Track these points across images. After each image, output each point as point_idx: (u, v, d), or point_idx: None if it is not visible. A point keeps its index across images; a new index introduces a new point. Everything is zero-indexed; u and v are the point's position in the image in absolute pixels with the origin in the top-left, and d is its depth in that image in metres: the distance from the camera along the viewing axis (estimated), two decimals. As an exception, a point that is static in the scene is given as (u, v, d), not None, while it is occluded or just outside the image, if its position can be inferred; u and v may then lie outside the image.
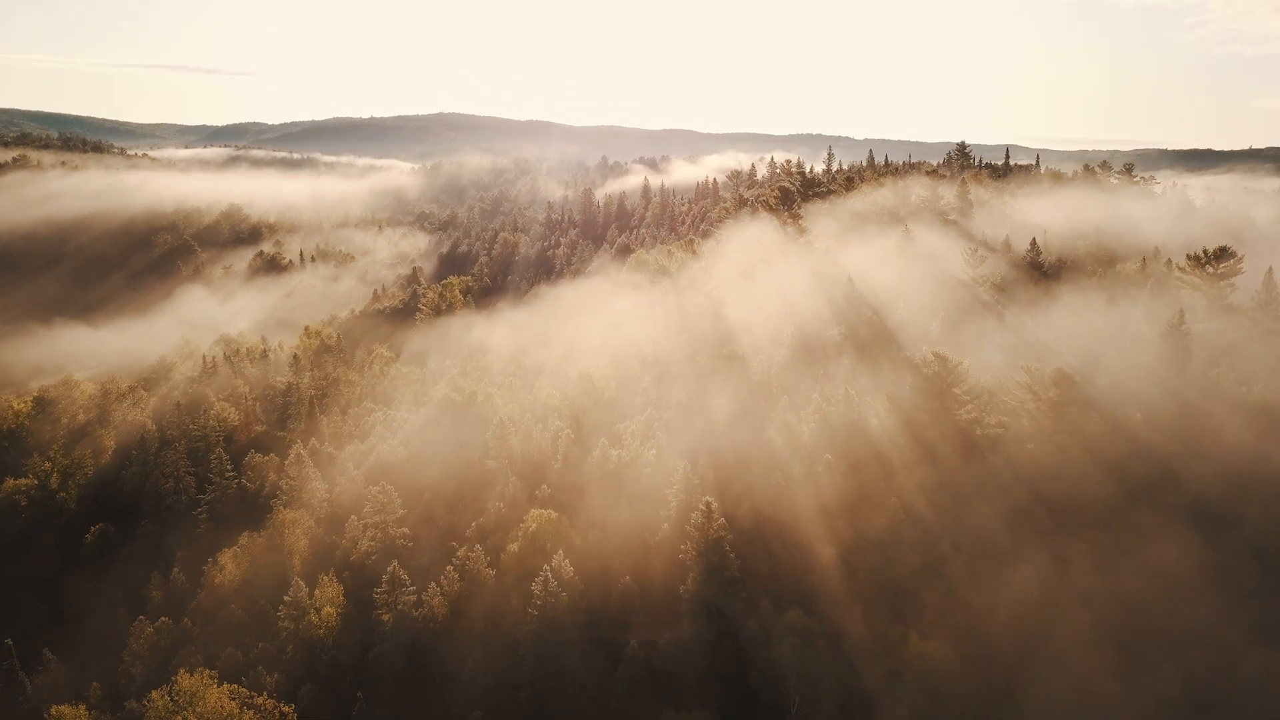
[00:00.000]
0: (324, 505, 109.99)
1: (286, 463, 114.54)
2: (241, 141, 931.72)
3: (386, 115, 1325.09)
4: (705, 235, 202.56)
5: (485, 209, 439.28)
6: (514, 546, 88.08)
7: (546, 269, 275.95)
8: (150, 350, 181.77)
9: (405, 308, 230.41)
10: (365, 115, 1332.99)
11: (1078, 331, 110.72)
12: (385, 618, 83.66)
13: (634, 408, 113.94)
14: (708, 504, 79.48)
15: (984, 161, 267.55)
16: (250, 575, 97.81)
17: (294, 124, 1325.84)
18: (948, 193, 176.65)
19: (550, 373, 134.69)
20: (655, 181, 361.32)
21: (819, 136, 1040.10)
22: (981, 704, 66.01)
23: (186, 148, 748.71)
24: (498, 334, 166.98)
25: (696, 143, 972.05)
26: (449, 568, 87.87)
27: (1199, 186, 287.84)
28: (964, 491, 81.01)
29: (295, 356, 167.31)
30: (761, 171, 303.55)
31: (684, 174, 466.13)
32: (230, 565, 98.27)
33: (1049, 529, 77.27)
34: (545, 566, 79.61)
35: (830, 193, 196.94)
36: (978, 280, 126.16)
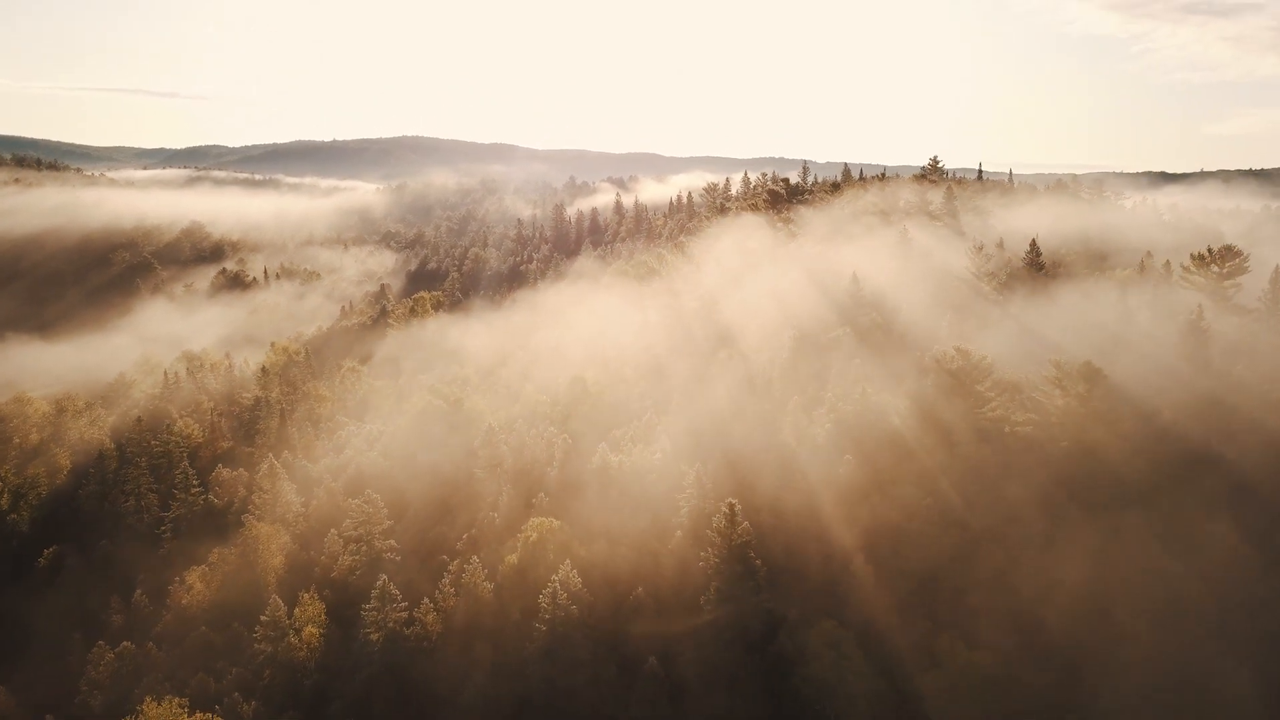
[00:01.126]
0: (300, 520, 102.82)
1: (258, 475, 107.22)
2: (202, 164, 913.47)
3: (349, 138, 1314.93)
4: (692, 237, 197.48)
5: (453, 227, 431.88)
6: (513, 558, 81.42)
7: (520, 284, 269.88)
8: (109, 367, 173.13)
9: (374, 323, 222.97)
10: (327, 138, 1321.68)
11: (1086, 329, 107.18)
12: (375, 636, 76.50)
13: (630, 411, 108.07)
14: (731, 506, 73.39)
15: (956, 177, 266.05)
16: (221, 595, 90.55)
17: (255, 147, 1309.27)
18: (935, 197, 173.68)
19: (537, 377, 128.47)
20: (626, 200, 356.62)
21: (782, 160, 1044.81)
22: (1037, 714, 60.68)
23: (145, 169, 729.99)
24: (476, 338, 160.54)
25: (661, 165, 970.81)
26: (443, 581, 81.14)
27: (1162, 205, 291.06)
28: (996, 486, 75.86)
29: (263, 369, 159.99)
30: (735, 187, 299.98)
31: (653, 193, 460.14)
32: (199, 585, 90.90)
33: (1086, 522, 72.39)
34: (553, 578, 73.16)
35: (816, 198, 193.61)
36: (982, 277, 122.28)
